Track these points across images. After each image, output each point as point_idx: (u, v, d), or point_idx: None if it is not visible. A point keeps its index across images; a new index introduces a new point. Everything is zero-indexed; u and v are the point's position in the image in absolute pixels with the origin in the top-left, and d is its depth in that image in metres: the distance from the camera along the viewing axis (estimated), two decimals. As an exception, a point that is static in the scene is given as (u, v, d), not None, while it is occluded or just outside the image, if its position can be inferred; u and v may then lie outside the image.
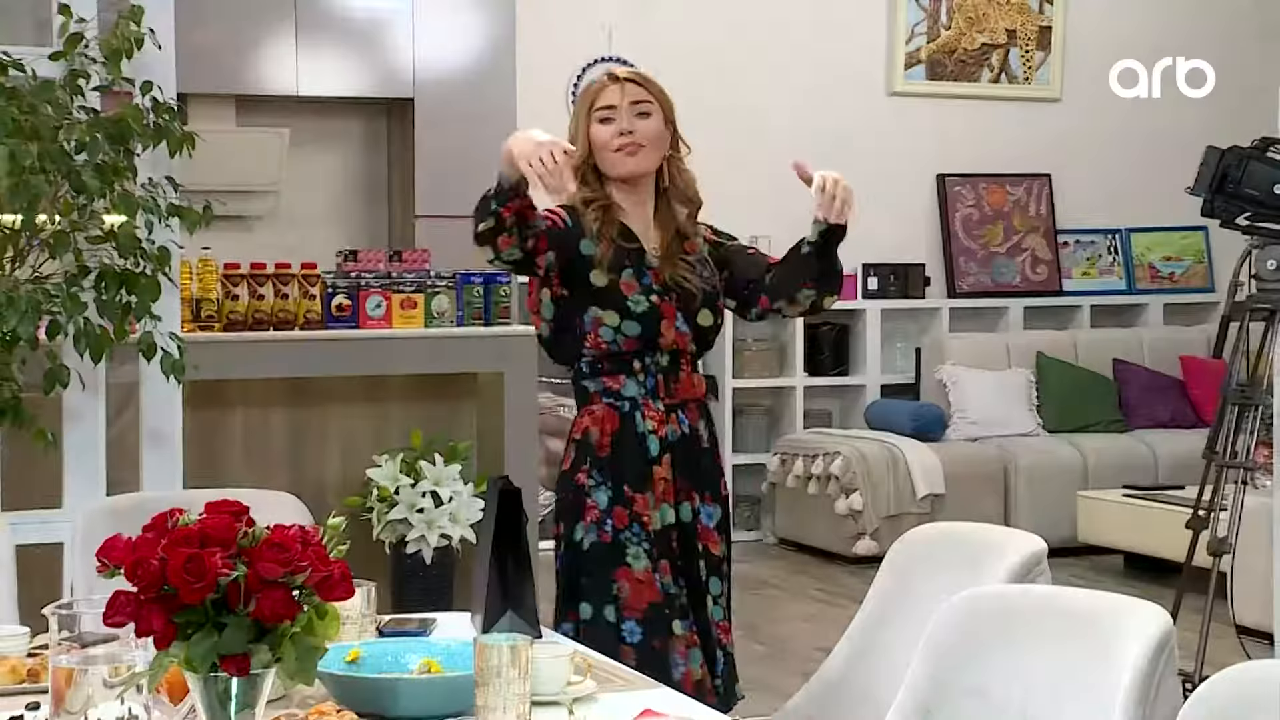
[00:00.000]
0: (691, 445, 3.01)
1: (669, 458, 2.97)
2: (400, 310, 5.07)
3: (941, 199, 8.30)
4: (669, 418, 2.98)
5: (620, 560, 2.93)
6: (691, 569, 2.99)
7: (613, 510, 2.95)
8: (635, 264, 2.99)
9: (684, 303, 2.99)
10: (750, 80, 7.78)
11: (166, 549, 1.68)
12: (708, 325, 3.01)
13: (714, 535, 3.02)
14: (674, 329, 2.98)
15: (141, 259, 3.73)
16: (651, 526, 2.94)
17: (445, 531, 5.01)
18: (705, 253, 3.06)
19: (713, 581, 3.01)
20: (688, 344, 3.00)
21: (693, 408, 3.02)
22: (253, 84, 6.57)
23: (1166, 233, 8.63)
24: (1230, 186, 4.38)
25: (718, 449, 3.10)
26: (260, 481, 4.63)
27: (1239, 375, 4.50)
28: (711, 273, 3.04)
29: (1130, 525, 6.76)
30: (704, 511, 3.01)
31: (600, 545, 2.95)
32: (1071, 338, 8.15)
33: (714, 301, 3.03)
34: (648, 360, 2.97)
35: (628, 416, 2.97)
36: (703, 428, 3.03)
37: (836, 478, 7.16)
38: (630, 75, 3.04)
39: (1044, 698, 2.07)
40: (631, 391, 2.97)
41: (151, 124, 3.74)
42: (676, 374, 2.99)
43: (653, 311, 2.96)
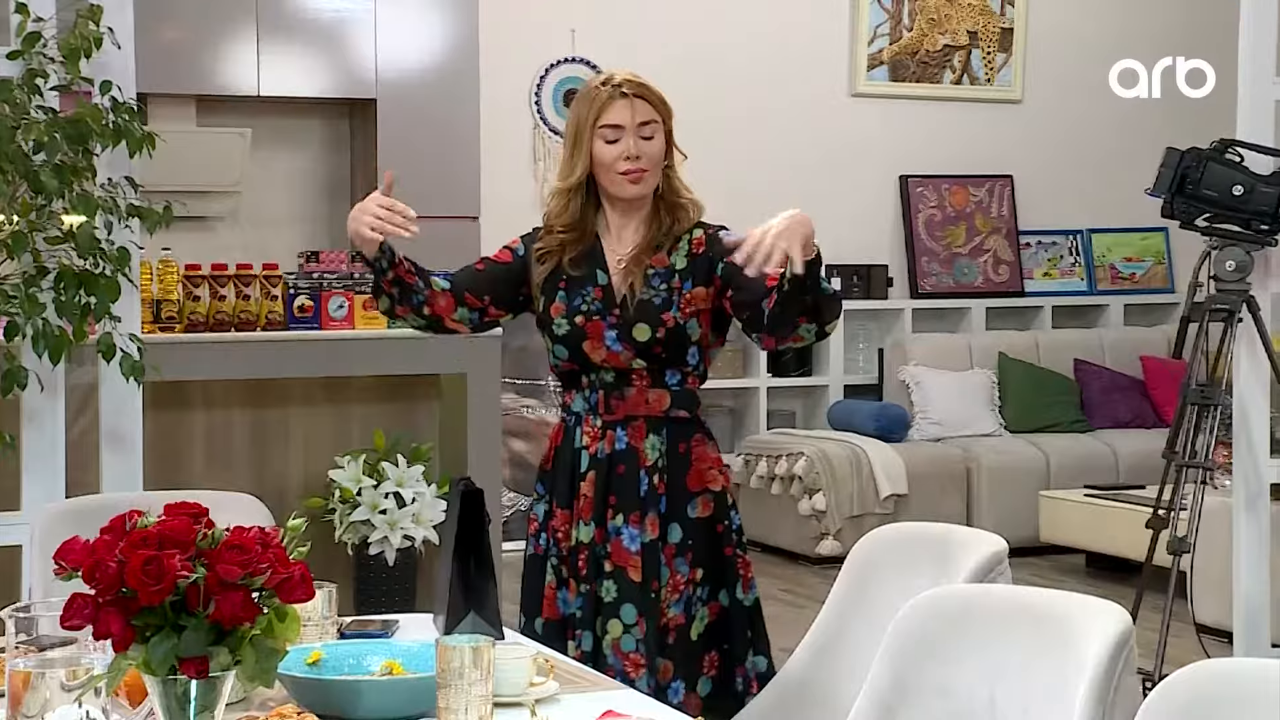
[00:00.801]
0: (628, 464, 2.87)
1: (594, 475, 2.88)
2: (363, 311, 5.05)
3: (904, 200, 8.33)
4: (604, 434, 2.89)
5: (547, 574, 2.93)
6: (595, 590, 2.86)
7: (548, 524, 2.94)
8: (572, 283, 2.92)
9: (622, 319, 2.88)
10: (713, 81, 7.79)
11: (125, 551, 1.66)
12: (644, 340, 2.86)
13: (632, 558, 2.83)
14: (603, 347, 2.88)
15: (101, 260, 3.70)
16: (566, 544, 2.90)
17: (408, 533, 5.00)
18: (679, 265, 2.91)
19: (626, 609, 2.83)
20: (627, 361, 2.87)
21: (639, 425, 2.87)
22: (214, 84, 6.54)
23: (1127, 234, 8.69)
24: (1190, 188, 4.41)
25: (684, 471, 2.88)
26: (222, 483, 4.61)
27: (1198, 376, 4.53)
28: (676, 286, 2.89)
29: (1091, 525, 6.80)
30: (626, 533, 2.84)
31: (536, 558, 2.95)
32: (1033, 338, 8.19)
33: (655, 314, 2.86)
34: (591, 377, 2.91)
35: (570, 432, 2.94)
36: (650, 448, 2.87)
37: (800, 478, 7.18)
38: (639, 90, 2.92)
39: (1005, 697, 2.08)
40: (578, 407, 2.93)
41: (111, 124, 3.71)
42: (622, 390, 2.88)
43: (574, 333, 2.89)
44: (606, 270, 2.92)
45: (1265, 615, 4.45)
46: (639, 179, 2.90)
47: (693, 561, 2.88)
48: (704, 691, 2.87)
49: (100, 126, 3.68)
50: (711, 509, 2.91)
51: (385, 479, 5.00)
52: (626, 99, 2.91)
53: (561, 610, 2.90)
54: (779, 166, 7.80)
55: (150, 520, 1.72)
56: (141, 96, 4.02)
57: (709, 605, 2.89)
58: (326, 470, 5.05)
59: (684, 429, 2.92)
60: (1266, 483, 4.49)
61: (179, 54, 6.36)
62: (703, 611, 2.88)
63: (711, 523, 2.91)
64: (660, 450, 2.88)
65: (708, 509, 2.90)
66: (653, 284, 2.90)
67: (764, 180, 7.62)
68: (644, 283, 2.90)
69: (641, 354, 2.88)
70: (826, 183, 8.13)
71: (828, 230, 8.71)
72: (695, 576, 2.88)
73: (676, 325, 2.88)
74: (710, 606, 2.89)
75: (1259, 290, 4.44)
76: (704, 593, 2.88)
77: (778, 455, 7.33)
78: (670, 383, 2.90)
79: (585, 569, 2.88)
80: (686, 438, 2.92)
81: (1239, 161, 4.40)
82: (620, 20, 7.70)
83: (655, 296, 2.89)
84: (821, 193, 8.07)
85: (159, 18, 6.00)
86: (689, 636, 2.87)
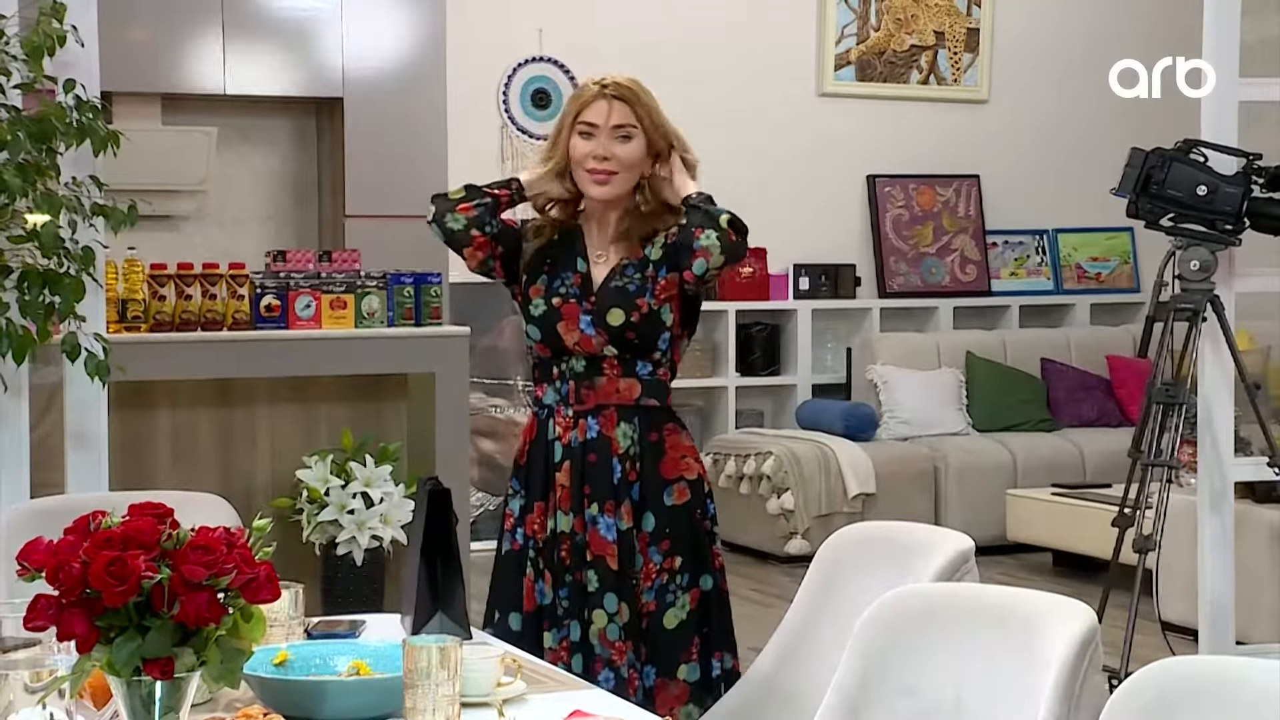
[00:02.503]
0: (600, 452, 2.91)
1: (568, 464, 2.92)
2: (330, 311, 5.04)
3: (872, 200, 8.35)
4: (576, 424, 2.92)
5: (525, 569, 2.95)
6: (579, 579, 2.91)
7: (524, 519, 2.97)
8: (555, 267, 2.98)
9: (597, 304, 2.94)
10: (680, 81, 7.76)
11: (89, 552, 1.66)
12: (617, 325, 2.91)
13: (609, 547, 2.88)
14: (577, 330, 2.92)
15: (65, 259, 3.68)
16: (542, 535, 2.93)
17: (376, 533, 4.98)
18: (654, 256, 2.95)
19: (608, 598, 2.88)
20: (599, 347, 2.92)
21: (610, 414, 2.92)
22: (179, 82, 6.51)
23: (1093, 234, 8.73)
24: (1154, 188, 4.43)
25: (657, 459, 2.92)
26: (188, 483, 4.59)
27: (1164, 375, 4.55)
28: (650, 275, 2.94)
29: (1058, 523, 6.83)
30: (601, 522, 2.89)
31: (511, 553, 2.98)
32: (1000, 338, 8.22)
33: (630, 300, 2.92)
34: (563, 365, 2.95)
35: (542, 425, 2.98)
36: (622, 435, 2.91)
37: (768, 477, 7.19)
38: (620, 92, 2.95)
39: (971, 696, 2.09)
40: (550, 399, 2.97)
41: (75, 122, 3.69)
42: (593, 379, 2.93)
43: (550, 314, 2.94)
44: (586, 260, 2.98)
45: (1230, 613, 4.48)
46: (605, 180, 2.93)
47: (669, 550, 2.92)
48: (690, 678, 2.89)
49: (64, 125, 3.66)
50: (688, 496, 2.94)
51: (353, 479, 4.98)
52: (607, 100, 2.96)
53: (538, 601, 2.92)
54: (746, 166, 7.80)
55: (115, 520, 1.71)
56: (106, 95, 3.99)
57: (690, 592, 2.91)
58: (294, 470, 5.02)
59: (656, 417, 2.96)
60: (1231, 481, 4.52)
61: (144, 52, 6.32)
62: (683, 599, 2.91)
63: (688, 510, 2.94)
64: (633, 438, 2.92)
65: (684, 496, 2.94)
66: (627, 273, 2.96)
67: (731, 180, 7.57)
68: (619, 273, 2.95)
69: (614, 340, 2.92)
70: (794, 182, 8.14)
71: (796, 230, 8.77)
72: (672, 565, 2.91)
73: (650, 311, 2.93)
74: (691, 594, 2.91)
75: (1223, 289, 4.47)
76: (684, 580, 2.91)
77: (746, 455, 7.34)
78: (641, 373, 2.94)
79: (568, 558, 2.90)
80: (659, 426, 2.96)
81: (1203, 162, 4.42)
82: (587, 20, 7.70)
83: (629, 284, 2.94)
84: (789, 192, 8.09)
85: (123, 15, 5.97)
86: (662, 624, 2.89)
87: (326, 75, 6.62)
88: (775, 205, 7.87)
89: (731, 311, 7.90)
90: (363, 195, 6.61)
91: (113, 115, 4.37)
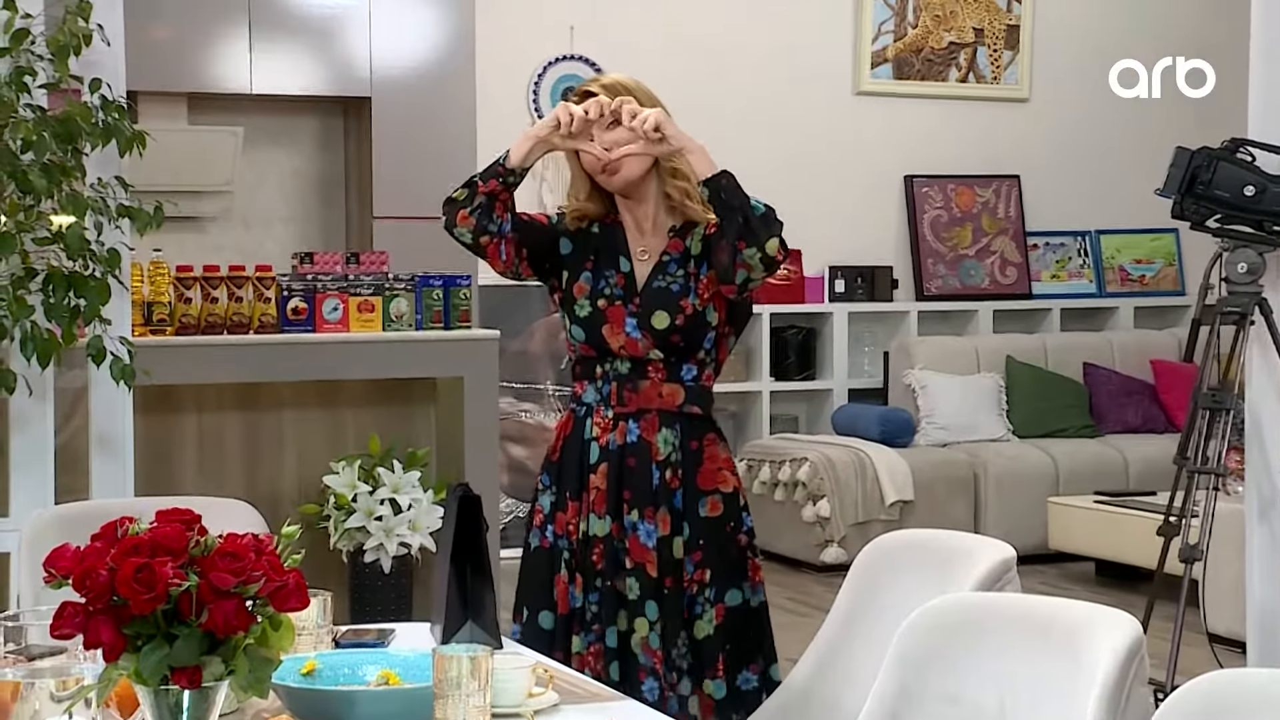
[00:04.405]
0: (638, 457, 2.92)
1: (605, 467, 2.93)
2: (358, 313, 5.05)
3: (909, 200, 8.33)
4: (615, 426, 2.94)
5: (557, 567, 2.96)
6: (616, 586, 2.91)
7: (554, 516, 2.98)
8: (598, 265, 2.99)
9: (642, 306, 2.95)
10: (714, 79, 7.79)
11: (116, 558, 1.67)
12: (662, 328, 2.92)
13: (649, 554, 2.89)
14: (622, 334, 2.94)
15: (90, 261, 3.71)
16: (575, 536, 2.94)
17: (404, 540, 5.00)
18: (695, 250, 2.96)
19: (650, 606, 2.89)
20: (645, 350, 2.93)
21: (651, 418, 2.93)
22: (205, 81, 6.54)
23: (1136, 235, 8.69)
24: (1200, 188, 4.40)
25: (695, 468, 2.93)
26: (214, 489, 4.61)
27: (1210, 379, 4.52)
28: (693, 271, 2.95)
29: (1101, 532, 6.80)
30: (641, 528, 2.90)
31: (541, 550, 2.98)
32: (1041, 341, 8.19)
33: (674, 301, 2.93)
34: (606, 366, 2.96)
35: (580, 422, 2.99)
36: (663, 441, 2.92)
37: (804, 484, 7.18)
38: (589, 88, 2.99)
39: (1014, 708, 2.08)
40: (589, 398, 2.98)
41: (100, 122, 3.72)
42: (636, 382, 2.94)
43: (595, 316, 2.95)
44: (629, 257, 2.99)
45: (1279, 624, 4.45)
46: (615, 168, 2.95)
47: (700, 561, 2.92)
48: (717, 694, 2.90)
49: (89, 125, 3.69)
50: (721, 509, 2.95)
51: (381, 485, 5.00)
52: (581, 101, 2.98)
53: (571, 604, 2.92)
54: (781, 167, 7.79)
55: (142, 527, 1.72)
56: (131, 94, 4.02)
57: (715, 606, 2.91)
58: (321, 476, 5.04)
59: (698, 426, 2.97)
60: (1280, 489, 4.49)
61: (169, 51, 6.36)
62: (710, 613, 2.91)
63: (720, 523, 2.95)
64: (674, 444, 2.94)
65: (716, 509, 2.95)
66: (669, 270, 2.97)
67: (766, 180, 7.57)
68: (661, 270, 2.96)
69: (660, 343, 2.93)
70: (830, 183, 8.13)
71: (832, 231, 8.74)
72: (702, 577, 2.92)
73: (695, 312, 2.94)
74: (717, 608, 2.91)
75: (1271, 292, 4.44)
76: (711, 593, 2.92)
77: (781, 460, 7.33)
78: (685, 378, 2.96)
79: (602, 564, 2.91)
80: (699, 435, 2.97)
81: (1250, 161, 4.39)
82: (620, 17, 7.70)
83: (672, 283, 2.96)
84: (825, 193, 8.08)
85: (149, 14, 6.01)
86: (694, 635, 2.91)
87: (354, 74, 6.65)
88: (811, 206, 7.86)
89: (766, 315, 7.89)
90: (390, 196, 6.63)
91: (138, 115, 4.40)
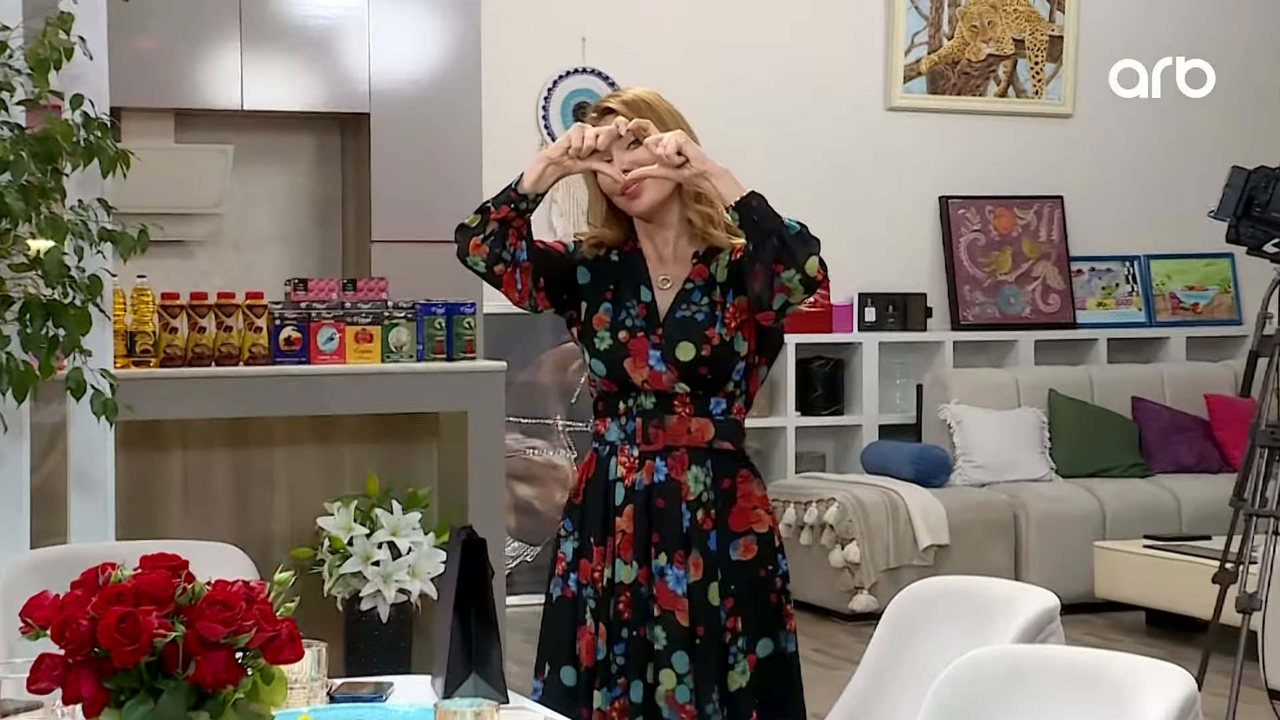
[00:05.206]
0: (668, 497, 2.92)
1: (631, 509, 2.92)
2: (355, 344, 5.07)
3: (944, 223, 8.34)
4: (642, 465, 2.93)
5: (582, 617, 2.94)
6: (644, 636, 2.89)
7: (578, 563, 2.97)
8: (619, 295, 2.99)
9: (665, 337, 2.95)
10: (736, 93, 7.82)
11: (97, 607, 1.67)
12: (688, 360, 2.92)
13: (679, 601, 2.87)
14: (646, 367, 2.93)
15: (70, 288, 3.72)
16: (600, 584, 2.93)
17: (403, 586, 5.00)
18: (720, 276, 2.96)
19: (678, 657, 2.87)
20: (670, 383, 2.92)
21: (680, 456, 2.92)
22: (193, 96, 6.57)
23: (1189, 260, 8.69)
24: (1257, 210, 4.41)
25: (727, 508, 2.92)
26: (201, 532, 4.62)
27: (1269, 415, 4.52)
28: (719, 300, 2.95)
29: (1152, 579, 6.78)
30: (670, 574, 2.89)
31: (564, 600, 2.97)
32: (1086, 374, 8.18)
33: (699, 331, 2.93)
34: (630, 402, 2.96)
35: (603, 463, 2.99)
36: (694, 480, 2.91)
37: (831, 527, 7.17)
38: (611, 104, 3.00)
39: (1057, 768, 2.08)
40: (613, 436, 2.98)
41: (82, 141, 3.74)
42: (663, 418, 2.93)
43: (616, 349, 2.95)
44: (650, 286, 2.99)
45: (1343, 679, 4.44)
46: (637, 192, 2.96)
47: (732, 609, 2.91)
48: None
49: (70, 144, 3.71)
50: (755, 552, 2.94)
51: (379, 527, 5.00)
52: (605, 120, 2.98)
53: (595, 656, 2.91)
54: (807, 187, 7.81)
55: (125, 573, 1.72)
56: (115, 111, 4.04)
57: (748, 656, 2.90)
58: (315, 517, 5.05)
59: (729, 462, 2.96)
60: (1344, 533, 4.48)
61: (156, 64, 6.39)
62: (742, 663, 2.90)
63: (754, 567, 2.94)
64: (705, 483, 2.93)
65: (750, 552, 2.94)
66: (693, 299, 2.97)
67: (790, 202, 7.60)
68: (685, 299, 2.96)
69: (685, 376, 2.93)
70: (860, 204, 8.14)
71: (861, 256, 8.75)
72: (735, 625, 2.91)
73: (722, 342, 2.94)
74: (749, 658, 2.91)
75: (1334, 322, 4.44)
76: (745, 643, 2.91)
77: (807, 501, 7.33)
78: (715, 412, 2.95)
79: (629, 613, 2.90)
80: (732, 473, 2.96)
81: (1312, 182, 4.40)
82: (635, 27, 7.73)
83: (697, 312, 2.96)
84: (854, 215, 8.09)
85: (134, 26, 6.04)
86: (726, 688, 2.90)
87: (351, 88, 6.68)
88: (839, 229, 7.85)
89: (791, 345, 7.89)
90: (390, 218, 6.65)
91: (122, 133, 4.43)
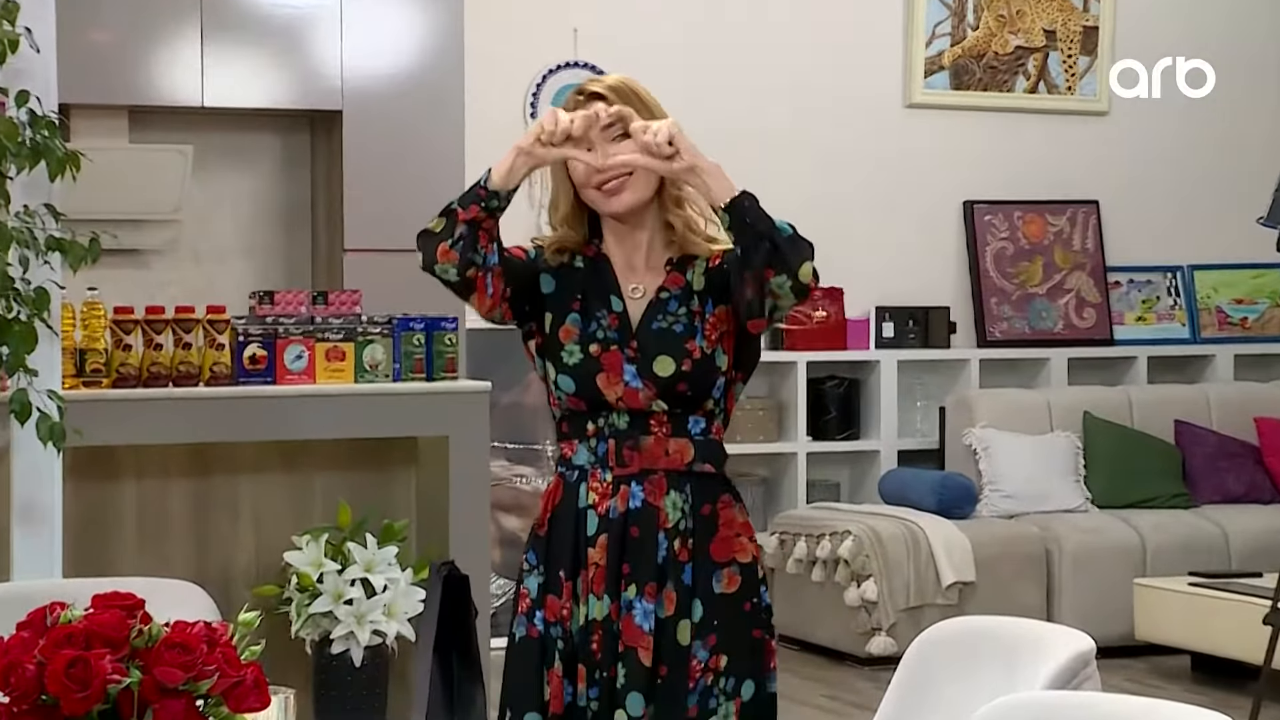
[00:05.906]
0: (643, 525, 2.89)
1: (605, 539, 2.89)
2: (326, 362, 5.07)
3: (969, 230, 8.35)
4: (616, 491, 2.90)
5: (549, 660, 2.91)
6: (612, 676, 2.86)
7: (544, 600, 2.94)
8: (587, 304, 2.98)
9: (642, 351, 2.92)
10: (742, 91, 7.83)
11: (45, 651, 1.67)
12: (667, 375, 2.89)
13: (644, 638, 2.85)
14: (620, 383, 2.91)
15: (14, 302, 3.73)
16: (570, 623, 2.90)
17: (378, 627, 4.99)
18: (698, 285, 2.95)
19: (631, 699, 2.84)
20: (646, 401, 2.90)
21: (658, 480, 2.90)
22: (149, 93, 6.59)
23: (1236, 270, 8.70)
24: (1310, 217, 4.42)
25: (708, 537, 2.90)
26: (158, 569, 4.61)
27: (1323, 440, 4.53)
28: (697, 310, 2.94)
29: (1197, 620, 6.78)
30: (638, 607, 2.86)
31: (528, 641, 2.93)
32: (1125, 395, 8.19)
33: (679, 344, 2.91)
34: (600, 422, 2.94)
35: (571, 489, 2.95)
36: (672, 506, 2.89)
37: (846, 562, 7.17)
38: (598, 89, 2.98)
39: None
40: (582, 459, 2.95)
41: (28, 141, 3.74)
42: (638, 439, 2.91)
43: (587, 364, 2.92)
44: (621, 295, 2.97)
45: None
46: (618, 188, 2.94)
47: (715, 647, 2.89)
48: None
49: (15, 144, 3.71)
50: (739, 584, 2.92)
51: (351, 563, 5.00)
52: (587, 102, 2.97)
53: (565, 702, 2.89)
54: (819, 191, 7.83)
55: (75, 614, 1.72)
56: (64, 108, 4.05)
57: (734, 700, 2.89)
58: (281, 552, 5.05)
59: (710, 487, 2.94)
60: (1405, 569, 4.48)
61: (109, 58, 6.41)
62: (727, 707, 2.88)
63: (738, 600, 2.92)
64: (684, 510, 2.91)
65: (734, 584, 2.92)
66: (669, 309, 2.95)
67: (801, 208, 7.63)
68: (660, 309, 2.94)
69: (664, 393, 2.91)
70: (876, 210, 8.15)
71: (879, 266, 8.77)
72: (717, 665, 2.88)
73: (703, 355, 2.92)
74: (735, 702, 2.89)
75: (1394, 338, 4.45)
76: (729, 685, 2.89)
77: (819, 535, 7.33)
78: (694, 431, 2.93)
79: (599, 651, 2.88)
80: (713, 498, 2.94)
81: (1369, 185, 4.42)
82: (631, 17, 7.74)
83: (675, 323, 2.94)
84: (871, 222, 8.10)
85: (86, 16, 6.06)
86: None
87: (322, 84, 6.69)
88: (854, 237, 7.89)
89: (801, 364, 7.90)
90: (364, 225, 6.66)
91: (72, 132, 4.44)
